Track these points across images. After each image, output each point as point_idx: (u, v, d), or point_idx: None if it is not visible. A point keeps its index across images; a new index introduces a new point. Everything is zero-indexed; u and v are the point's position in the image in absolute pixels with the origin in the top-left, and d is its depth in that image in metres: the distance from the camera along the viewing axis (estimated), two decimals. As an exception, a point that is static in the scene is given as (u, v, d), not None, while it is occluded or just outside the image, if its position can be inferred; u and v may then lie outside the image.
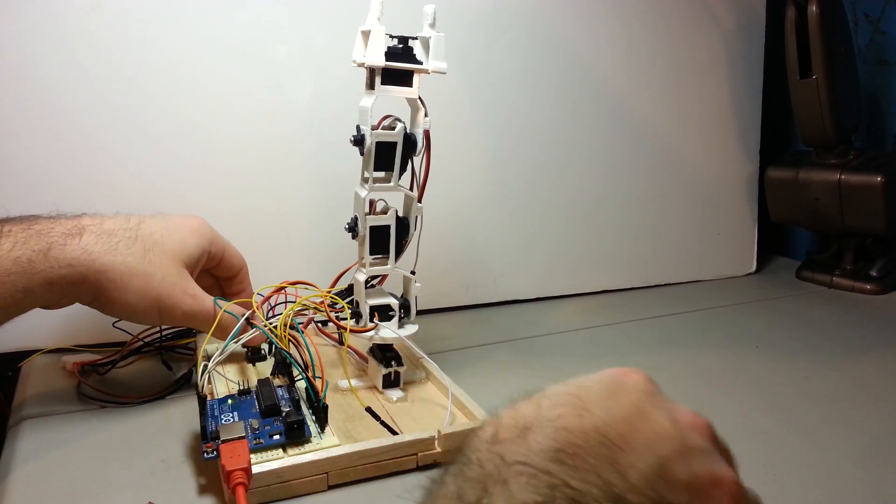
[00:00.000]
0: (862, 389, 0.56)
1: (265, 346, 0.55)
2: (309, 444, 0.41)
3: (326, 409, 0.43)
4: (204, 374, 0.44)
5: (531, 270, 0.79)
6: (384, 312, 0.50)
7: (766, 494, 0.40)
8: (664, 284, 0.87)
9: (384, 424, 0.45)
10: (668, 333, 0.69)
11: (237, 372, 0.53)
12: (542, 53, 0.76)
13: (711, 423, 0.28)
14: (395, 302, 0.51)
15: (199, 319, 0.47)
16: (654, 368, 0.61)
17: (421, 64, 0.48)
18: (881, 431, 0.49)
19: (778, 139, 0.99)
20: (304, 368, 0.45)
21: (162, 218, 0.48)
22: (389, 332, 0.50)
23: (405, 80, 0.48)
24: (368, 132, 0.47)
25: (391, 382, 0.51)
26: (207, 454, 0.39)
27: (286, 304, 0.53)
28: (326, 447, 0.41)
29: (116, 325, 0.54)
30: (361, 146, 0.48)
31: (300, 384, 0.47)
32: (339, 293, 0.52)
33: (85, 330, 0.58)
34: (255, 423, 0.41)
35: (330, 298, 0.51)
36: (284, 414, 0.42)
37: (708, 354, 0.63)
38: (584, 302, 0.80)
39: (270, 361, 0.53)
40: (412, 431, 0.43)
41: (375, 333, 0.49)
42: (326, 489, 0.40)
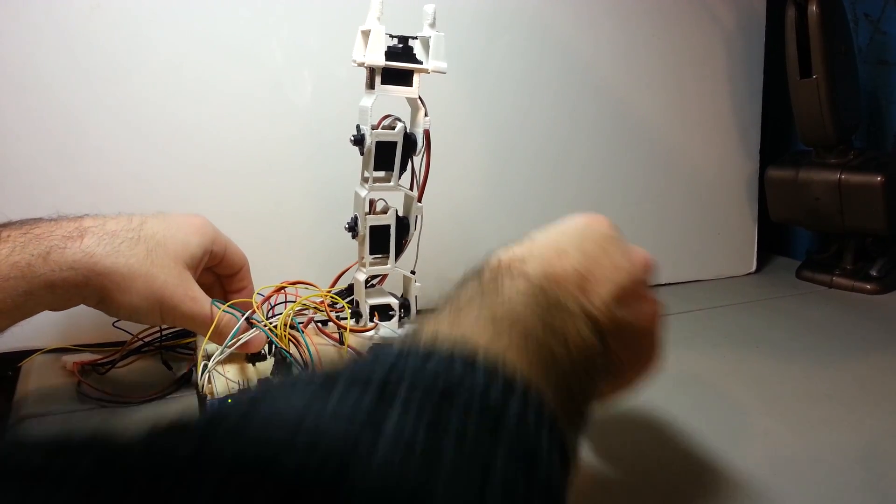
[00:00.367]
0: (862, 389, 0.56)
1: (265, 345, 0.55)
2: (309, 443, 0.41)
3: (326, 408, 0.43)
4: (204, 373, 0.44)
5: (531, 270, 0.79)
6: (384, 312, 0.50)
7: (766, 494, 0.40)
8: (664, 284, 0.87)
9: (384, 424, 0.45)
10: (668, 333, 0.69)
11: (237, 371, 0.52)
12: (542, 53, 0.76)
13: (653, 258, 0.38)
14: (395, 301, 0.51)
15: (197, 322, 0.47)
16: (654, 368, 0.61)
17: (421, 63, 0.48)
18: (881, 431, 0.49)
19: (778, 139, 0.99)
20: (304, 368, 0.45)
21: (164, 218, 0.48)
22: (389, 331, 0.50)
23: (405, 79, 0.48)
24: (368, 132, 0.47)
25: (391, 382, 0.51)
26: (207, 454, 0.39)
27: (286, 303, 0.53)
28: (326, 447, 0.41)
29: (116, 324, 0.54)
30: (361, 146, 0.48)
31: (300, 384, 0.47)
32: (339, 293, 0.53)
33: (85, 329, 0.58)
34: (255, 422, 0.41)
35: (330, 298, 0.51)
36: (284, 413, 0.42)
37: (708, 354, 0.63)
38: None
39: (270, 361, 0.53)
40: (412, 431, 0.43)
41: (375, 333, 0.49)
42: (326, 489, 0.40)
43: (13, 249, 0.41)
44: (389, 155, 0.49)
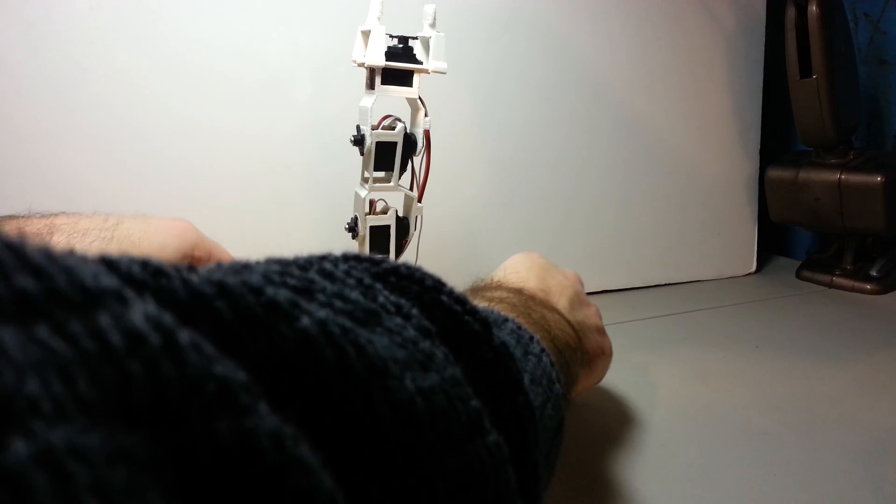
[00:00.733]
0: (862, 389, 0.56)
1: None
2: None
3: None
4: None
5: (531, 270, 0.79)
6: (384, 312, 0.50)
7: (766, 494, 0.40)
8: (664, 284, 0.87)
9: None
10: (668, 333, 0.69)
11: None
12: (541, 54, 0.76)
13: (578, 274, 0.49)
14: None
15: None
16: (654, 368, 0.62)
17: (421, 64, 0.48)
18: (881, 431, 0.49)
19: (778, 139, 0.99)
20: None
21: (143, 220, 0.46)
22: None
23: (405, 79, 0.48)
24: (368, 132, 0.47)
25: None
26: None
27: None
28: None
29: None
30: (361, 146, 0.48)
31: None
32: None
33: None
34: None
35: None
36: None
37: (708, 354, 0.63)
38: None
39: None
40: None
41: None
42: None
43: None
44: (389, 155, 0.49)
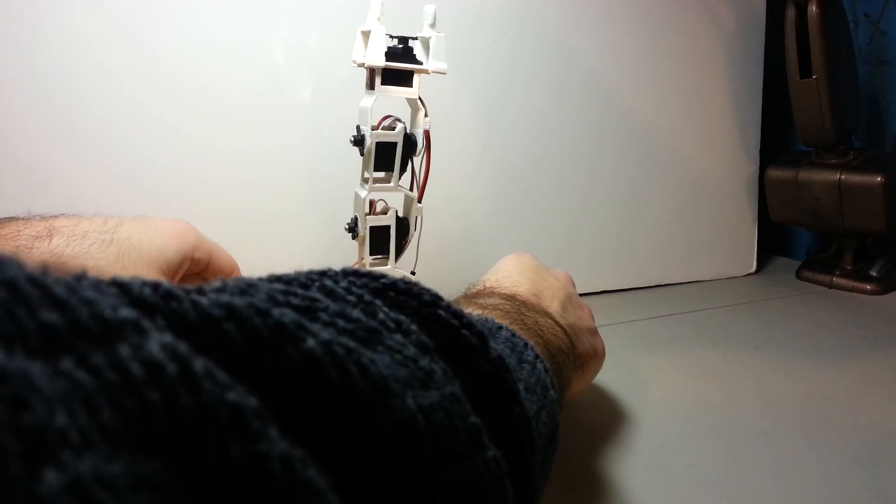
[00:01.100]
0: (862, 389, 0.56)
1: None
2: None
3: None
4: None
5: (531, 270, 0.79)
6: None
7: (766, 494, 0.40)
8: (664, 284, 0.87)
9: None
10: (668, 334, 0.69)
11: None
12: (541, 54, 0.76)
13: (569, 275, 0.49)
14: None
15: None
16: (654, 369, 0.62)
17: (421, 64, 0.48)
18: (881, 431, 0.49)
19: (778, 139, 0.99)
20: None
21: (143, 221, 0.46)
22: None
23: (405, 80, 0.48)
24: (368, 132, 0.47)
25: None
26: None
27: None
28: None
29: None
30: (361, 146, 0.48)
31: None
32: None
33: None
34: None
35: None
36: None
37: (708, 355, 0.63)
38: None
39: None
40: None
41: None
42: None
43: None
44: (389, 156, 0.49)
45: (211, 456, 0.13)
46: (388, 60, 0.46)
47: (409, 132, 0.49)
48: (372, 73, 0.48)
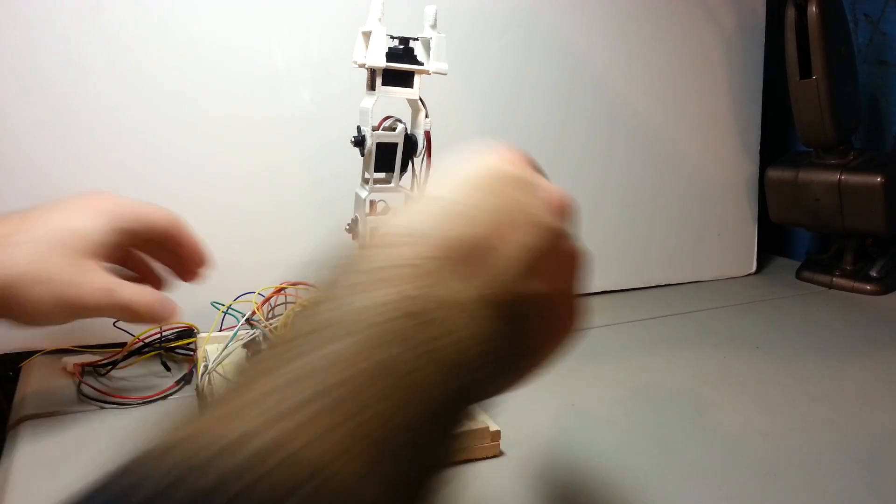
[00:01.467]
0: (862, 390, 0.56)
1: (265, 346, 0.55)
2: (309, 444, 0.41)
3: (327, 409, 0.43)
4: (204, 374, 0.44)
5: (531, 271, 0.79)
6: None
7: (766, 495, 0.40)
8: (664, 285, 0.87)
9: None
10: (668, 334, 0.69)
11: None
12: (541, 54, 0.76)
13: (570, 199, 0.30)
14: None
15: (112, 311, 0.43)
16: (653, 369, 0.61)
17: (422, 65, 0.48)
18: (881, 432, 0.49)
19: (778, 139, 0.99)
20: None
21: (57, 208, 0.43)
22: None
23: (406, 80, 0.48)
24: (369, 133, 0.47)
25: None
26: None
27: (286, 304, 0.53)
28: (327, 448, 0.41)
29: (117, 324, 0.54)
30: (362, 147, 0.48)
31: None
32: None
33: (86, 330, 0.58)
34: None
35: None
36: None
37: (708, 355, 0.63)
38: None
39: (271, 362, 0.53)
40: (413, 432, 0.43)
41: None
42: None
43: None
44: (390, 156, 0.49)
45: None
46: (388, 61, 0.46)
47: (409, 133, 0.49)
48: (373, 73, 0.48)
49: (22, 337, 0.57)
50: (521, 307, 0.25)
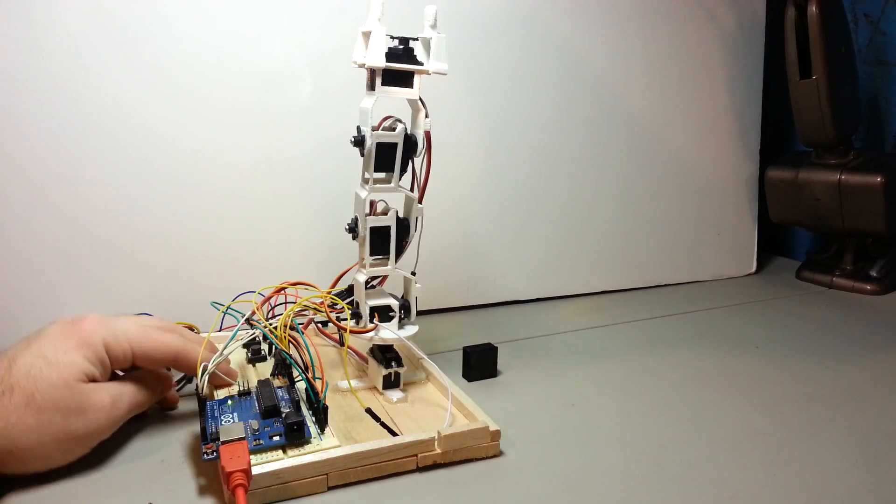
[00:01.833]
0: (862, 390, 0.56)
1: (265, 346, 0.55)
2: (309, 445, 0.41)
3: (326, 409, 0.43)
4: (204, 375, 0.44)
5: (531, 271, 0.79)
6: (384, 313, 0.50)
7: (766, 495, 0.40)
8: (663, 285, 0.87)
9: (384, 425, 0.45)
10: (667, 334, 0.69)
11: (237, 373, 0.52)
12: (541, 54, 0.76)
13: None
14: (395, 303, 0.51)
15: (124, 418, 0.43)
16: (653, 369, 0.62)
17: (422, 65, 0.48)
18: (881, 432, 0.49)
19: (778, 139, 0.99)
20: (303, 369, 0.45)
21: (35, 347, 0.40)
22: (389, 332, 0.50)
23: (406, 80, 0.48)
24: (369, 133, 0.47)
25: (391, 383, 0.51)
26: (207, 455, 0.39)
27: (286, 304, 0.53)
28: (326, 448, 0.41)
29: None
30: (362, 147, 0.48)
31: (300, 385, 0.47)
32: (339, 294, 0.52)
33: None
34: (254, 424, 0.42)
35: (330, 299, 0.51)
36: (284, 415, 0.42)
37: (707, 355, 0.63)
38: (583, 302, 0.80)
39: (270, 362, 0.53)
40: (412, 432, 0.43)
41: (375, 334, 0.49)
42: (326, 490, 0.40)
43: None
44: (390, 156, 0.49)
45: None
46: (388, 61, 0.46)
47: (409, 133, 0.49)
48: (372, 73, 0.48)
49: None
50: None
